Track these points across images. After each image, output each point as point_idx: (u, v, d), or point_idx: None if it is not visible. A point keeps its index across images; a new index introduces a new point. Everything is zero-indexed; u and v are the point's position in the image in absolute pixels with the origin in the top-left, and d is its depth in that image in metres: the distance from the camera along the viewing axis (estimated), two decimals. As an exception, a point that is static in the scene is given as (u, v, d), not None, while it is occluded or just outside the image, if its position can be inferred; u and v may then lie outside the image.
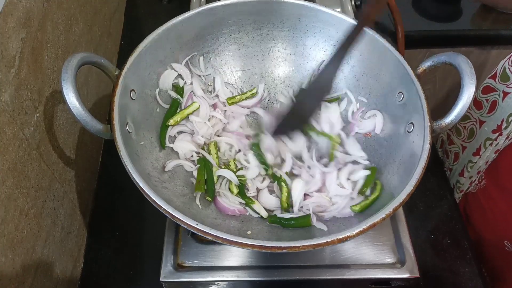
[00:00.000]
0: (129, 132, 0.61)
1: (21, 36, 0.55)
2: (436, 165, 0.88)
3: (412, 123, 0.62)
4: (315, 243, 0.49)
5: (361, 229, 0.50)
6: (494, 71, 0.87)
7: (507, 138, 0.83)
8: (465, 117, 0.97)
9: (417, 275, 0.63)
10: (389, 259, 0.66)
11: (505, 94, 0.84)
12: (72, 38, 0.72)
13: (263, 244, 0.48)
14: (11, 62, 0.53)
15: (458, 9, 1.13)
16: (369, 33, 0.70)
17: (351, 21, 0.71)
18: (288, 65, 0.80)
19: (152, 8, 1.15)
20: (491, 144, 0.88)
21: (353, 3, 1.01)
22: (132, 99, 0.64)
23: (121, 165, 0.54)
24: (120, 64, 0.64)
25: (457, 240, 0.77)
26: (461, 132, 0.99)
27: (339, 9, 1.01)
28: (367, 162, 0.69)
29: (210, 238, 0.49)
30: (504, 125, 0.84)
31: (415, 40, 1.09)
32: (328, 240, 0.49)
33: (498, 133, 0.85)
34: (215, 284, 0.64)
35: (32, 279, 0.58)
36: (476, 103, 0.92)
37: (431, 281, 0.72)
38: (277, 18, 0.76)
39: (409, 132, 0.63)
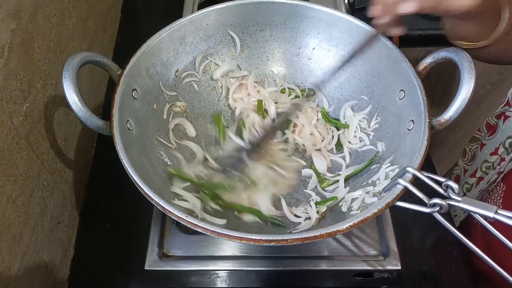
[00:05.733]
0: (129, 129, 0.63)
1: (10, 27, 0.57)
2: (428, 164, 0.88)
3: (412, 120, 0.63)
4: (304, 237, 0.49)
5: (351, 223, 0.50)
6: None
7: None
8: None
9: (399, 267, 0.64)
10: (372, 251, 0.66)
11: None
12: (64, 31, 0.74)
13: (251, 237, 0.49)
14: (0, 53, 0.54)
15: (453, 8, 1.14)
16: (372, 33, 0.70)
17: (354, 21, 0.72)
18: (292, 66, 0.81)
19: (149, 5, 1.17)
20: None
21: (346, 1, 1.02)
22: (134, 98, 0.66)
23: (115, 158, 0.56)
24: (116, 60, 0.65)
25: (444, 236, 0.77)
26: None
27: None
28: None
29: (199, 230, 0.50)
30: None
31: (410, 38, 1.10)
32: (317, 234, 0.49)
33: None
34: (198, 273, 0.65)
35: (19, 265, 0.59)
36: None
37: (416, 274, 0.72)
38: (280, 19, 0.77)
39: (409, 130, 0.63)
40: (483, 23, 0.59)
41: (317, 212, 0.64)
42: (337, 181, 0.69)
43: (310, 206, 0.64)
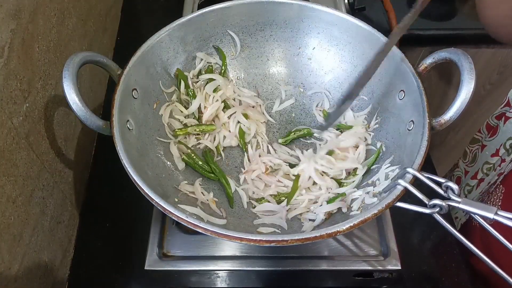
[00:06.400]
0: (129, 129, 0.63)
1: (10, 27, 0.57)
2: (428, 164, 0.88)
3: (412, 121, 0.63)
4: (304, 237, 0.49)
5: (352, 224, 0.50)
6: None
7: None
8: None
9: (399, 267, 0.64)
10: (372, 251, 0.66)
11: None
12: (65, 31, 0.74)
13: (251, 237, 0.49)
14: (0, 52, 0.54)
15: (453, 8, 1.14)
16: (372, 32, 0.70)
17: (354, 21, 0.72)
18: (292, 66, 0.81)
19: (149, 5, 1.17)
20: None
21: (346, 1, 1.02)
22: (134, 97, 0.66)
23: (114, 158, 0.56)
24: (116, 60, 0.65)
25: (444, 236, 0.77)
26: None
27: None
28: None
29: (200, 231, 0.50)
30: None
31: (410, 39, 1.10)
32: (317, 235, 0.49)
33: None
34: (198, 273, 0.65)
35: (19, 266, 0.59)
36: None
37: (416, 274, 0.72)
38: (280, 19, 0.77)
39: (409, 130, 0.63)
40: None
41: (329, 212, 0.63)
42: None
43: (321, 205, 0.64)
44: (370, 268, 0.64)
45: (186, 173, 0.69)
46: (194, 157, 0.70)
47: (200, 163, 0.70)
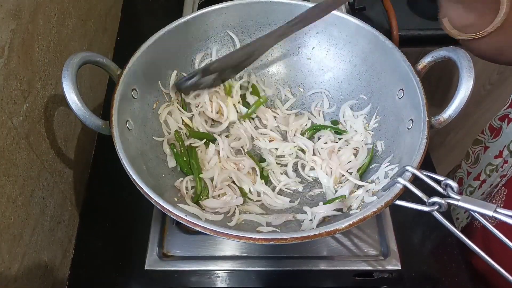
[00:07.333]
0: (129, 129, 0.63)
1: (11, 27, 0.57)
2: (428, 165, 0.88)
3: (411, 119, 0.63)
4: (303, 236, 0.49)
5: (351, 222, 0.50)
6: None
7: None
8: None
9: (399, 267, 0.64)
10: (372, 251, 0.66)
11: None
12: (65, 31, 0.74)
13: (250, 236, 0.49)
14: (0, 52, 0.54)
15: (453, 8, 1.14)
16: (371, 32, 0.71)
17: (353, 20, 0.72)
18: (291, 66, 0.81)
19: (149, 5, 1.17)
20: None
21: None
22: (134, 97, 0.66)
23: (114, 158, 0.56)
24: (116, 60, 0.65)
25: (444, 236, 0.78)
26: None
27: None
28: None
29: (199, 229, 0.50)
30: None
31: (409, 39, 1.10)
32: (317, 233, 0.49)
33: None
34: (198, 273, 0.65)
35: (19, 266, 0.59)
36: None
37: (416, 274, 0.72)
38: (279, 19, 0.77)
39: (408, 129, 0.63)
40: (483, 10, 0.58)
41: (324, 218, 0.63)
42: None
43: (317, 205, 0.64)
44: (370, 268, 0.64)
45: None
46: (182, 150, 0.69)
47: (184, 158, 0.69)
